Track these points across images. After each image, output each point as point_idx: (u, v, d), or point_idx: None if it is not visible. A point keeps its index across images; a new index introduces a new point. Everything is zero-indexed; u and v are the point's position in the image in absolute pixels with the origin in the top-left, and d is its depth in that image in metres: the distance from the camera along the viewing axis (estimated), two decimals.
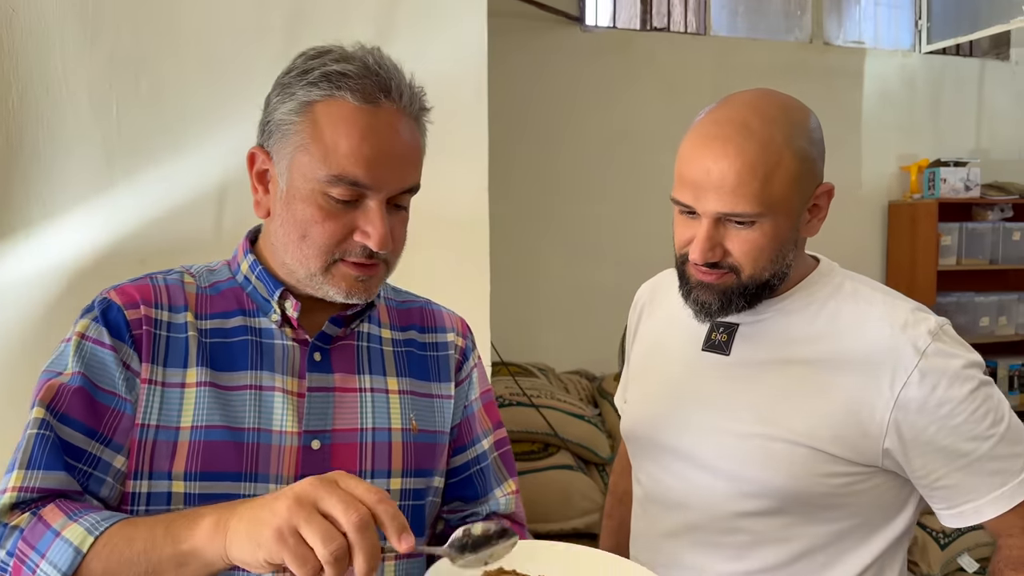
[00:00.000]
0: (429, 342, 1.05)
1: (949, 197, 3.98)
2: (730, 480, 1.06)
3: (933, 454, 1.00)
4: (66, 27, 1.76)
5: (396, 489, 0.94)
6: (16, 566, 0.77)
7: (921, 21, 4.39)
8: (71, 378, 0.86)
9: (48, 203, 1.77)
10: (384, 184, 0.88)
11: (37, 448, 0.83)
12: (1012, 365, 4.16)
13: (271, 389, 0.91)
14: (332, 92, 0.86)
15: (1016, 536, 1.03)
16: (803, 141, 1.02)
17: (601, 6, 3.95)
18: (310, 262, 0.90)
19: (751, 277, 1.04)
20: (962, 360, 1.01)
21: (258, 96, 1.89)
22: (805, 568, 1.06)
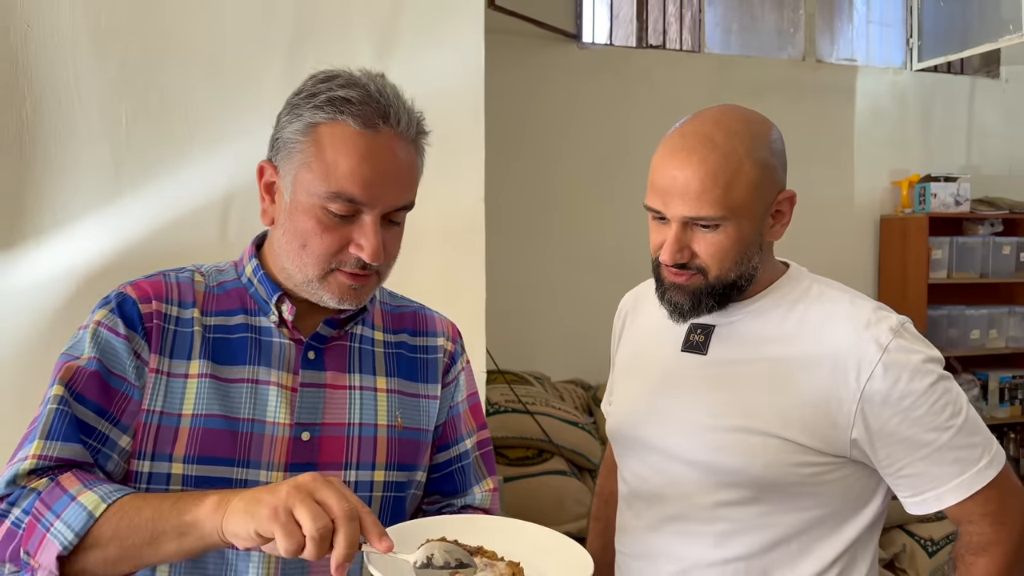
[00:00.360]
0: (420, 345, 1.11)
1: (939, 212, 4.04)
2: (709, 472, 1.12)
3: (897, 444, 1.06)
4: (78, 42, 1.83)
5: (379, 481, 1.00)
6: (31, 523, 0.83)
7: (912, 39, 4.47)
8: (87, 362, 0.93)
9: (59, 211, 1.83)
10: (379, 201, 0.94)
11: (56, 421, 0.90)
12: (1003, 377, 4.19)
13: (267, 383, 0.98)
14: (335, 116, 0.93)
15: (975, 523, 1.09)
16: (763, 151, 1.10)
17: (598, 24, 4.03)
18: (308, 270, 0.96)
19: (717, 278, 1.11)
20: (922, 355, 1.07)
21: (262, 109, 1.96)
22: (781, 556, 1.11)
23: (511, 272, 3.52)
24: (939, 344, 4.00)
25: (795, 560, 1.11)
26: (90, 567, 0.82)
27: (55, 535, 0.81)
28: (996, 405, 4.19)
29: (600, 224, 3.81)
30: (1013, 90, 4.57)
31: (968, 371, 4.23)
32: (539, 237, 3.73)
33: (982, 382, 4.18)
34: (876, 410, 1.06)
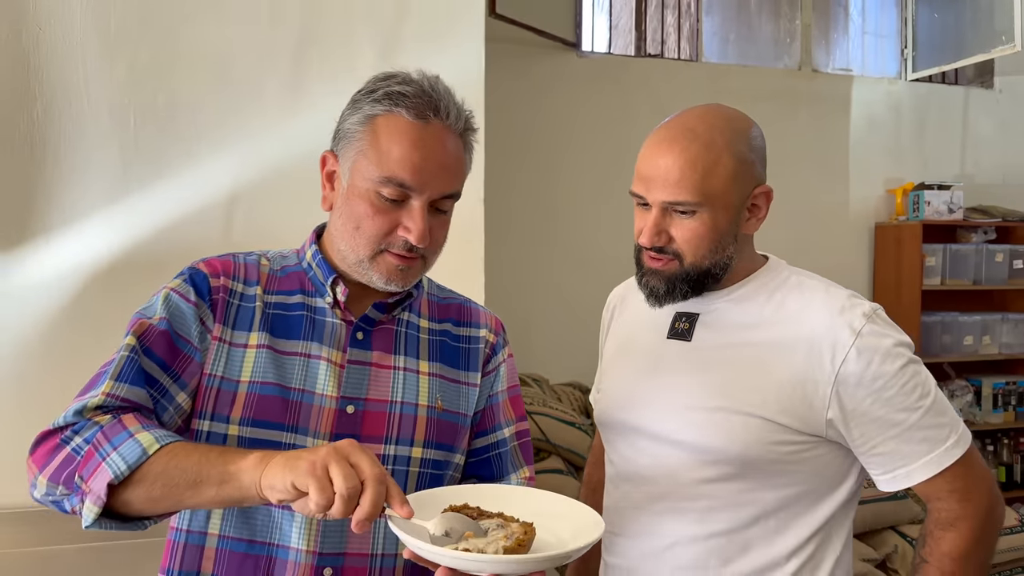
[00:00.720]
0: (463, 335, 1.18)
1: (933, 219, 4.08)
2: (693, 451, 1.17)
3: (869, 423, 1.12)
4: (88, 45, 1.88)
5: (417, 457, 1.07)
6: (89, 452, 0.91)
7: (907, 50, 4.53)
8: (159, 322, 1.02)
9: (67, 209, 1.87)
10: (427, 187, 1.02)
11: (127, 366, 0.99)
12: (996, 383, 4.22)
13: (318, 358, 1.06)
14: (391, 108, 1.02)
15: (943, 499, 1.15)
16: (742, 145, 1.16)
17: (597, 33, 4.09)
18: (360, 250, 1.05)
19: (692, 264, 1.17)
20: (893, 340, 1.13)
21: (267, 112, 2.02)
22: (760, 531, 1.16)
23: (510, 277, 3.56)
24: (933, 350, 4.07)
25: (774, 535, 1.16)
26: (134, 500, 0.89)
27: (109, 464, 0.88)
28: (989, 411, 4.22)
29: (598, 229, 3.85)
30: (1007, 100, 4.62)
31: (962, 377, 4.26)
32: (538, 242, 3.77)
33: (976, 388, 4.21)
34: (850, 391, 1.11)
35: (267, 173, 2.00)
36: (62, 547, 1.82)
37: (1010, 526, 3.01)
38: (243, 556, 1.01)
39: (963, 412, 4.14)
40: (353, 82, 2.02)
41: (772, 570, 1.16)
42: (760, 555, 1.16)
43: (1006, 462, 4.24)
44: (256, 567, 1.00)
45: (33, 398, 1.86)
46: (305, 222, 1.99)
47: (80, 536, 1.84)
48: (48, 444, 0.95)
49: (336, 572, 1.01)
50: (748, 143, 1.18)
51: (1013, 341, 4.25)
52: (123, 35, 1.90)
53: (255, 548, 1.01)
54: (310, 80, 2.03)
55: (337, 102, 2.01)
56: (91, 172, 1.89)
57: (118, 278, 1.90)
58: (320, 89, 2.04)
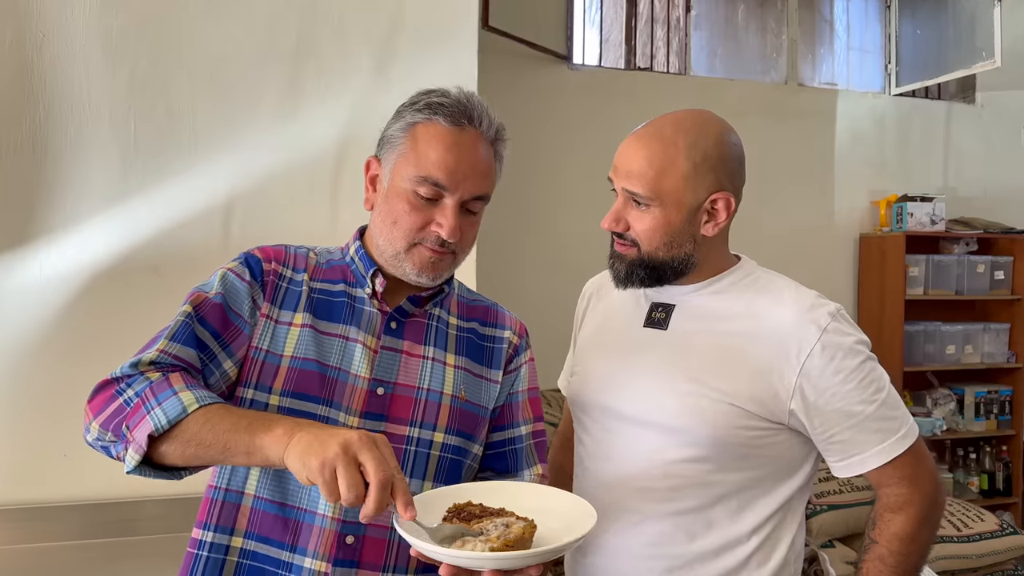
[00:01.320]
0: (488, 335, 1.27)
1: (916, 230, 4.15)
2: (665, 433, 1.24)
3: (829, 414, 1.20)
4: (91, 51, 1.93)
5: (439, 441, 1.15)
6: (137, 404, 1.00)
7: (890, 65, 4.62)
8: (215, 296, 1.13)
9: (68, 211, 1.91)
10: (459, 187, 1.13)
11: (182, 329, 1.09)
12: (978, 392, 4.27)
13: (355, 341, 1.15)
14: (430, 116, 1.14)
15: (893, 486, 1.24)
16: (704, 151, 1.23)
17: (588, 46, 4.16)
18: (396, 243, 1.15)
19: (647, 253, 1.26)
20: (854, 338, 1.22)
21: (264, 117, 2.07)
22: (724, 509, 1.25)
23: (500, 286, 3.60)
24: (916, 359, 4.14)
25: (736, 514, 1.25)
26: (170, 453, 0.98)
27: (152, 418, 0.97)
28: (972, 419, 4.27)
29: (588, 240, 3.89)
30: (988, 115, 4.71)
31: (944, 386, 4.32)
32: (528, 252, 3.81)
33: (958, 397, 4.27)
34: (813, 384, 1.19)
35: (264, 179, 2.05)
36: (57, 544, 1.85)
37: (990, 530, 3.06)
38: (274, 517, 1.08)
39: (946, 420, 4.19)
40: (347, 91, 2.10)
41: (735, 546, 1.24)
42: (724, 532, 1.24)
43: (988, 470, 4.29)
44: (285, 528, 1.08)
45: (32, 398, 1.89)
46: (300, 226, 2.05)
47: (75, 533, 1.87)
48: (105, 393, 1.03)
49: (357, 540, 1.09)
50: (714, 149, 1.24)
51: (995, 350, 4.31)
52: (124, 43, 1.95)
53: (286, 511, 1.09)
54: (306, 89, 2.09)
55: (331, 110, 2.09)
56: (91, 176, 1.93)
57: (117, 280, 1.94)
58: (316, 98, 2.09)
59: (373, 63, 2.13)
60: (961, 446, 4.33)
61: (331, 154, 2.09)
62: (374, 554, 1.09)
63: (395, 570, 1.10)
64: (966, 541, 2.98)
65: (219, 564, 1.08)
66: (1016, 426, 4.31)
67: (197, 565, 1.09)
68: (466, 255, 1.22)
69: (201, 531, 1.11)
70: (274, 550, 1.08)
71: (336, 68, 2.11)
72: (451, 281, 1.26)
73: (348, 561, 1.08)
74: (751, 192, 5.07)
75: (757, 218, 4.13)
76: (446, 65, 2.20)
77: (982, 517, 3.13)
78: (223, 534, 1.09)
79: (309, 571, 1.06)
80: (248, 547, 1.09)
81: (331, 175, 2.10)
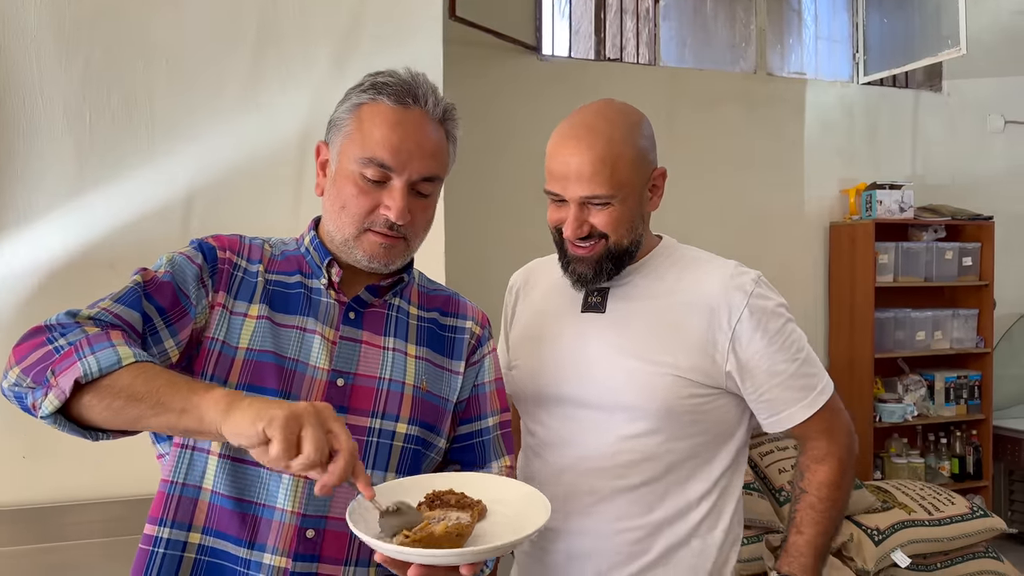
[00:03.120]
0: (449, 324, 1.25)
1: (885, 218, 4.18)
2: (615, 411, 1.30)
3: (758, 375, 1.30)
4: (43, 42, 1.87)
5: (401, 432, 1.13)
6: (69, 351, 0.93)
7: (858, 54, 4.65)
8: (163, 274, 1.08)
9: (22, 207, 1.86)
10: (405, 168, 1.10)
11: (129, 294, 1.04)
12: (948, 378, 4.32)
13: (313, 332, 1.12)
14: (375, 96, 1.12)
15: (815, 439, 1.36)
16: (638, 138, 1.30)
17: (558, 37, 4.14)
18: (345, 229, 1.12)
19: (616, 243, 1.31)
20: (775, 301, 1.33)
21: (224, 108, 2.02)
22: (675, 479, 1.32)
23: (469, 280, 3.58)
24: (887, 345, 4.17)
25: (685, 482, 1.33)
26: (95, 405, 0.91)
27: (83, 364, 0.90)
28: (942, 404, 4.32)
29: None
30: (955, 103, 4.76)
31: (915, 371, 4.36)
32: (496, 245, 3.79)
33: (928, 382, 4.32)
34: (744, 346, 1.29)
35: (224, 171, 2.01)
36: (13, 548, 1.80)
37: (960, 514, 3.10)
38: (231, 512, 1.05)
39: (916, 406, 4.24)
40: (310, 82, 2.06)
41: (687, 512, 1.32)
42: (676, 500, 1.32)
43: (959, 454, 4.35)
44: (243, 524, 1.05)
45: None
46: (262, 220, 2.01)
47: (33, 537, 1.82)
48: (34, 340, 0.96)
49: (318, 534, 1.06)
50: (641, 134, 1.31)
51: (964, 336, 4.36)
52: (78, 32, 1.90)
53: (243, 506, 1.05)
54: (267, 79, 2.04)
55: (294, 101, 2.05)
56: (45, 171, 1.88)
57: (75, 278, 1.89)
58: (277, 89, 2.05)
59: (336, 52, 2.10)
60: (932, 431, 4.37)
61: (293, 147, 2.06)
62: (335, 548, 1.07)
63: (357, 563, 1.08)
64: (937, 524, 3.02)
65: (176, 561, 1.05)
66: (985, 410, 4.37)
67: (152, 562, 1.05)
68: (420, 240, 1.19)
69: (156, 527, 1.06)
70: (232, 546, 1.05)
71: (298, 57, 2.07)
72: (410, 270, 1.23)
73: (309, 556, 1.05)
74: (721, 182, 5.07)
75: (727, 208, 4.14)
76: (411, 55, 2.17)
77: (953, 501, 3.16)
78: (180, 530, 1.05)
79: (269, 567, 1.04)
80: (206, 543, 1.05)
81: (294, 168, 2.06)
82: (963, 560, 3.06)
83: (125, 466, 1.88)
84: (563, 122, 1.33)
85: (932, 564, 3.02)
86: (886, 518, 2.98)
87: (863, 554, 2.85)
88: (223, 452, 1.06)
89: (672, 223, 1.42)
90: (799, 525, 1.36)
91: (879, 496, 3.14)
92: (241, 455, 1.06)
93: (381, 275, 1.18)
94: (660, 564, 1.31)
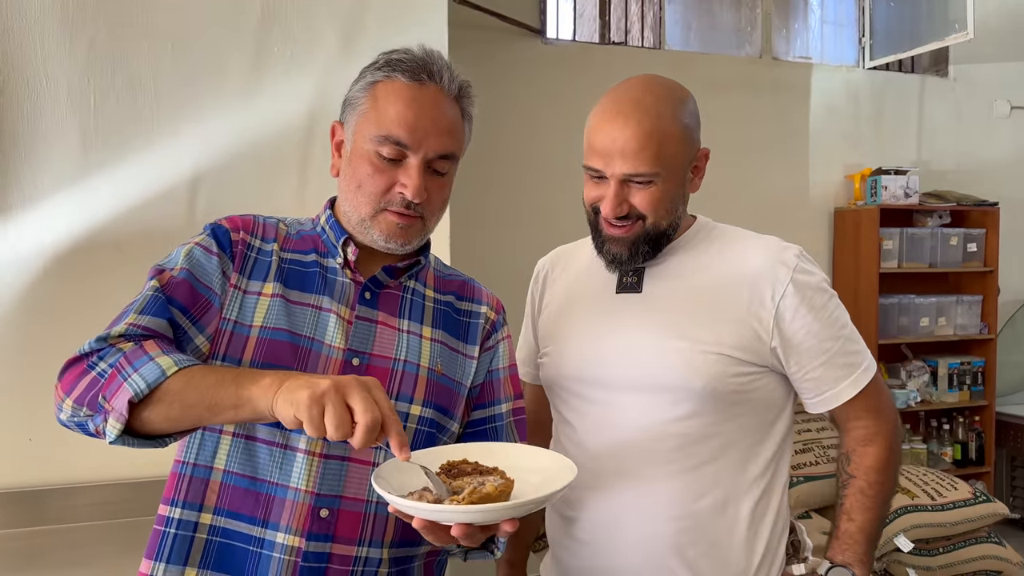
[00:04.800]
0: (464, 309, 1.24)
1: (890, 204, 4.16)
2: (660, 393, 1.25)
3: (804, 351, 1.26)
4: (47, 23, 1.86)
5: (415, 414, 1.12)
6: (112, 374, 0.96)
7: (864, 39, 4.61)
8: (179, 272, 1.08)
9: (27, 189, 1.85)
10: (421, 145, 1.09)
11: (151, 302, 1.05)
12: (951, 363, 4.32)
13: (328, 311, 1.12)
14: (389, 73, 1.11)
15: (862, 418, 1.32)
16: (684, 115, 1.26)
17: (562, 20, 4.11)
18: (362, 208, 1.12)
19: (654, 224, 1.26)
20: (819, 276, 1.29)
21: (229, 91, 2.01)
22: (729, 461, 1.27)
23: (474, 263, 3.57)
24: (891, 331, 4.17)
25: (740, 465, 1.27)
26: (153, 418, 0.94)
27: (130, 384, 0.93)
28: (945, 390, 4.32)
29: (561, 214, 3.87)
30: (961, 88, 4.73)
31: (918, 357, 4.36)
32: (501, 228, 3.78)
33: (932, 368, 4.32)
34: (787, 322, 1.25)
35: (229, 154, 2.00)
36: (21, 530, 1.81)
37: (963, 499, 3.10)
38: (245, 491, 1.05)
39: (920, 392, 4.24)
40: (314, 65, 2.05)
41: (740, 498, 1.27)
42: (730, 485, 1.26)
43: (961, 440, 4.35)
44: (256, 503, 1.05)
45: None
46: (268, 202, 2.00)
47: (40, 519, 1.83)
48: (75, 370, 0.99)
49: (332, 514, 1.06)
50: (688, 111, 1.27)
51: (967, 322, 4.35)
52: (82, 13, 1.88)
53: (257, 485, 1.05)
54: (271, 61, 2.03)
55: (298, 84, 2.04)
56: (50, 152, 1.87)
57: (79, 260, 1.88)
58: (281, 71, 2.04)
59: (340, 36, 2.08)
60: (935, 417, 4.38)
61: (298, 129, 2.05)
62: (349, 528, 1.06)
63: (371, 544, 1.08)
64: (940, 509, 3.02)
65: (187, 541, 1.05)
66: (988, 396, 4.37)
67: (164, 542, 1.05)
68: (437, 220, 1.18)
69: (168, 508, 1.07)
70: (245, 526, 1.05)
71: (302, 39, 2.06)
72: (427, 253, 1.22)
73: (322, 535, 1.05)
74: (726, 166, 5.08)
75: (732, 192, 4.12)
76: (415, 38, 2.09)
77: (955, 486, 3.16)
78: (191, 510, 1.06)
79: (282, 546, 1.04)
80: (218, 523, 1.05)
81: (299, 150, 2.05)
82: (965, 545, 3.07)
83: (128, 449, 1.88)
84: (606, 96, 1.27)
85: (934, 549, 3.02)
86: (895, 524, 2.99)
87: None
88: (237, 431, 1.06)
89: None
90: (849, 512, 1.31)
91: None
92: (255, 434, 1.06)
93: (397, 256, 1.17)
94: (708, 554, 1.25)
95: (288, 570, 1.04)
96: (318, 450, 1.05)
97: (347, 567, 1.06)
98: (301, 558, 1.04)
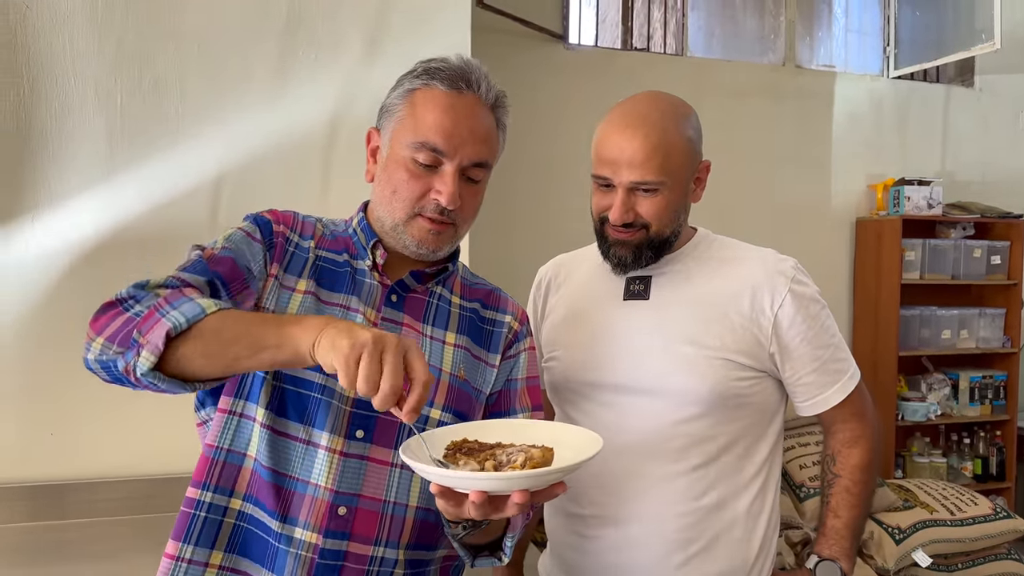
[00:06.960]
0: (488, 317, 1.25)
1: (913, 214, 4.12)
2: (666, 395, 1.32)
3: (798, 358, 1.35)
4: (76, 24, 1.88)
5: (435, 418, 1.13)
6: (149, 312, 0.94)
7: (889, 48, 4.58)
8: (222, 250, 1.09)
9: (54, 187, 1.88)
10: (457, 152, 1.11)
11: (194, 263, 1.06)
12: (972, 377, 4.26)
13: (355, 311, 1.13)
14: (428, 81, 1.13)
15: (847, 421, 1.42)
16: (688, 129, 1.34)
17: (584, 26, 4.11)
18: (396, 213, 1.13)
19: (657, 232, 1.34)
20: (813, 288, 1.38)
21: (254, 92, 2.03)
22: (728, 461, 1.35)
23: (494, 268, 3.58)
24: (911, 343, 4.13)
25: (737, 463, 1.35)
26: (189, 355, 0.92)
27: (169, 319, 0.91)
28: (966, 404, 4.27)
29: (582, 220, 3.87)
30: (987, 99, 4.68)
31: (939, 370, 4.31)
32: (522, 232, 3.78)
33: (953, 382, 4.27)
34: (784, 329, 1.34)
35: (253, 154, 2.02)
36: (42, 523, 1.83)
37: (983, 514, 3.06)
38: (268, 484, 1.06)
39: (940, 405, 4.19)
40: (338, 68, 2.06)
41: (738, 495, 1.35)
42: (727, 484, 1.34)
43: (982, 454, 4.30)
44: (277, 496, 1.06)
45: (18, 376, 1.87)
46: (291, 204, 2.00)
47: (61, 513, 1.85)
48: (111, 312, 0.98)
49: (350, 512, 1.07)
50: (691, 126, 1.35)
51: (990, 335, 4.30)
52: (111, 14, 1.91)
53: (278, 478, 1.06)
54: (296, 64, 2.05)
55: (322, 86, 2.05)
56: (77, 151, 1.90)
57: (105, 257, 1.91)
58: (305, 74, 2.06)
59: (364, 41, 2.10)
60: (955, 431, 4.33)
61: (322, 131, 2.06)
62: (366, 527, 1.07)
63: (387, 544, 1.08)
64: (960, 525, 2.98)
65: (216, 525, 1.06)
66: (1010, 411, 4.31)
67: (194, 525, 1.06)
68: (468, 227, 1.19)
69: (199, 491, 1.07)
70: (267, 518, 1.06)
71: (327, 45, 2.07)
72: (456, 260, 1.24)
73: (339, 533, 1.06)
74: (747, 174, 5.04)
75: (753, 200, 4.10)
76: (439, 43, 2.16)
77: (976, 501, 3.13)
78: (222, 495, 1.06)
79: (300, 542, 1.05)
80: (246, 510, 1.06)
81: (321, 153, 2.07)
82: (985, 561, 3.03)
83: (150, 445, 1.90)
84: (614, 110, 1.35)
85: (953, 564, 2.99)
86: (907, 517, 2.95)
87: (883, 552, 2.83)
88: (264, 422, 1.07)
89: (696, 215, 1.41)
90: (835, 509, 1.40)
91: (900, 495, 3.11)
92: (280, 427, 1.07)
93: (426, 262, 1.19)
94: (710, 549, 1.33)
95: (304, 566, 1.04)
96: (339, 448, 1.06)
97: (363, 566, 1.07)
98: (318, 555, 1.05)
